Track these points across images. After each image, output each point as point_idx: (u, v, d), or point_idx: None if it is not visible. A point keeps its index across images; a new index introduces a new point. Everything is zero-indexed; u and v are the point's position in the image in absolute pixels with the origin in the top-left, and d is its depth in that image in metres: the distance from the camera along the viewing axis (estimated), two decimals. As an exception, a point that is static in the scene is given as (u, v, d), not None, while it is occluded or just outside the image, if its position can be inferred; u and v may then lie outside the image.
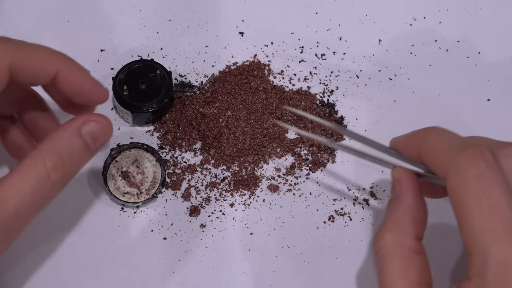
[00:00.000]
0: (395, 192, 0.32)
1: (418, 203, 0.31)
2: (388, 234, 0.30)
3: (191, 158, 0.41)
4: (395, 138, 0.34)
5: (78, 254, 0.38)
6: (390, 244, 0.30)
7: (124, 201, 0.39)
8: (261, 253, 0.39)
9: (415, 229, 0.30)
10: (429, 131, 0.31)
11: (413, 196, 0.31)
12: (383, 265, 0.30)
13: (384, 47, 0.45)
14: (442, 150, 0.29)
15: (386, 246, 0.30)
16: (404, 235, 0.30)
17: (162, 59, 0.44)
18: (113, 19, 0.46)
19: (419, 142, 0.31)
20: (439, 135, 0.31)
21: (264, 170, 0.41)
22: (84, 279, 0.38)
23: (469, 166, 0.27)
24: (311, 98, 0.43)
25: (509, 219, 0.25)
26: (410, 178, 0.32)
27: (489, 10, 0.47)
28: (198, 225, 0.40)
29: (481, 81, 0.45)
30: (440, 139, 0.30)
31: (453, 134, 0.31)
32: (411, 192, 0.31)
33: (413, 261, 0.29)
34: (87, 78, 0.32)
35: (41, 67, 0.30)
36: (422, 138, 0.31)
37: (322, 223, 0.40)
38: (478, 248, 0.26)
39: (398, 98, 0.44)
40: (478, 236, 0.26)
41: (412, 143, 0.32)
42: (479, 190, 0.26)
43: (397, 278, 0.29)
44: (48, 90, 0.33)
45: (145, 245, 0.39)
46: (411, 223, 0.30)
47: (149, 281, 0.38)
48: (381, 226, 0.31)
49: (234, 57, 0.45)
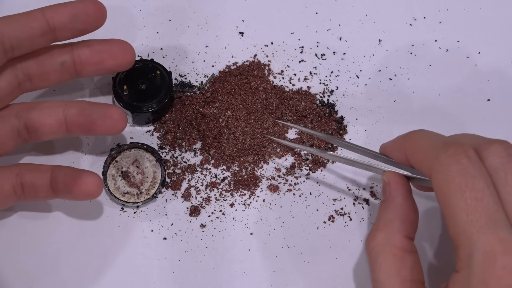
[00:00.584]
0: (385, 195, 0.33)
1: (408, 203, 0.32)
2: (379, 234, 0.31)
3: (191, 158, 0.41)
4: (384, 143, 0.36)
5: (78, 254, 0.38)
6: (382, 244, 0.31)
7: (124, 201, 0.39)
8: (261, 253, 0.39)
9: (405, 229, 0.31)
10: (414, 134, 0.33)
11: (402, 197, 0.32)
12: (375, 264, 0.31)
13: (384, 47, 0.45)
14: (426, 149, 0.30)
15: (378, 246, 0.31)
16: (395, 235, 0.31)
17: (162, 59, 0.44)
18: (113, 19, 0.45)
19: (406, 144, 0.33)
20: (423, 136, 0.32)
21: (264, 170, 0.41)
22: (84, 279, 0.38)
23: (451, 162, 0.27)
24: (311, 98, 0.43)
25: (493, 210, 0.26)
26: (399, 180, 0.33)
27: (489, 10, 0.47)
28: (198, 225, 0.40)
29: (481, 81, 0.45)
30: (424, 140, 0.31)
31: (437, 134, 0.32)
32: (400, 193, 0.32)
33: (405, 260, 0.30)
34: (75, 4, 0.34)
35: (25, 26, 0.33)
36: (407, 140, 0.33)
37: (322, 223, 0.40)
38: (464, 239, 0.26)
39: (398, 98, 0.44)
40: (463, 228, 0.26)
41: (399, 146, 0.33)
42: (462, 183, 0.27)
43: (390, 276, 0.30)
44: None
45: (145, 245, 0.39)
46: (402, 223, 0.31)
47: (149, 281, 0.38)
48: (373, 227, 0.32)
49: (234, 57, 0.45)
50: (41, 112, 0.35)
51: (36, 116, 0.35)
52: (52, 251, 0.38)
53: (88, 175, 0.34)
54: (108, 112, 0.36)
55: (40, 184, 0.35)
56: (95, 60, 0.36)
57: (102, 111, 0.36)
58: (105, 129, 0.36)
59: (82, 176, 0.34)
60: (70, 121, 0.36)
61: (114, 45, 0.37)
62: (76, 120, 0.36)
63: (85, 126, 0.36)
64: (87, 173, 0.35)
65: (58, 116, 0.35)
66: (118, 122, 0.36)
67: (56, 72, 0.36)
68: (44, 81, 0.36)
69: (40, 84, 0.36)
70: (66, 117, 0.35)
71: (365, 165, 0.36)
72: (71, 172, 0.35)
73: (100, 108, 0.36)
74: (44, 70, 0.35)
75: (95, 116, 0.35)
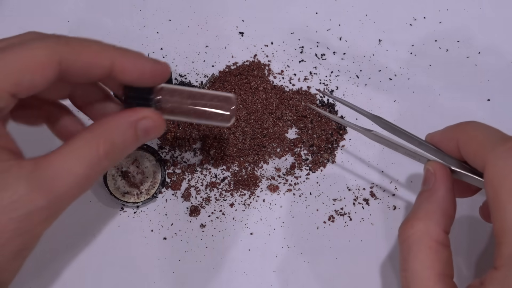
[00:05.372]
0: (428, 185, 0.32)
1: (450, 197, 0.32)
2: (418, 223, 0.31)
3: (191, 158, 0.41)
4: (431, 133, 0.35)
5: (78, 254, 0.38)
6: (420, 234, 0.30)
7: (124, 201, 0.39)
8: (261, 253, 0.39)
9: (445, 222, 0.31)
10: (469, 124, 0.32)
11: (446, 190, 0.32)
12: (409, 254, 0.30)
13: (384, 47, 0.45)
14: (482, 140, 0.30)
15: (415, 235, 0.30)
16: (434, 227, 0.30)
17: (162, 59, 0.44)
18: (113, 19, 0.46)
19: (458, 134, 0.32)
20: (478, 127, 0.31)
21: (264, 170, 0.41)
22: (84, 279, 0.38)
23: (509, 156, 0.27)
24: (311, 98, 0.43)
25: None
26: (444, 172, 0.32)
27: (489, 10, 0.47)
28: (198, 225, 0.40)
29: (481, 81, 0.45)
30: (480, 131, 0.31)
31: (492, 128, 0.31)
32: (445, 186, 0.32)
33: (439, 253, 0.30)
34: (145, 61, 0.30)
35: (92, 61, 0.29)
36: (461, 130, 0.32)
37: (322, 223, 0.40)
38: (510, 238, 0.26)
39: (398, 98, 0.44)
40: (511, 226, 0.26)
41: (450, 136, 0.33)
42: None
43: (423, 268, 0.29)
44: (108, 84, 0.32)
45: (145, 245, 0.39)
46: (442, 216, 0.31)
47: (149, 281, 0.38)
48: (411, 215, 0.31)
49: (234, 57, 0.45)
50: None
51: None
52: (52, 251, 0.38)
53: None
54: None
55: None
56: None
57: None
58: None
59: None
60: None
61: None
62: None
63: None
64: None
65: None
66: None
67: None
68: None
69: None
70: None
71: (409, 151, 0.34)
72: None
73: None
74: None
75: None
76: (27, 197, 0.26)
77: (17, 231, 0.26)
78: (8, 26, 0.45)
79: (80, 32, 0.45)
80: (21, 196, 0.25)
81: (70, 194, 0.27)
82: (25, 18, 0.45)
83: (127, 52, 0.30)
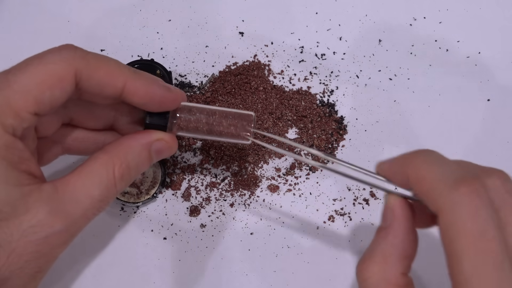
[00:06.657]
0: (386, 221, 0.30)
1: (410, 237, 0.29)
2: (374, 266, 0.29)
3: (191, 158, 0.41)
4: (382, 163, 0.31)
5: (78, 254, 0.38)
6: (376, 278, 0.29)
7: (124, 201, 0.39)
8: (261, 253, 0.39)
9: (403, 265, 0.29)
10: (418, 158, 0.29)
11: (405, 230, 0.29)
12: None
13: (384, 47, 0.45)
14: (433, 182, 0.27)
15: (372, 279, 0.29)
16: (391, 271, 0.28)
17: (162, 59, 0.44)
18: (113, 19, 0.46)
19: (408, 169, 0.29)
20: (428, 163, 0.29)
21: (264, 170, 0.41)
22: (84, 279, 0.38)
23: (463, 203, 0.25)
24: (311, 98, 0.43)
25: (501, 263, 0.24)
26: (403, 210, 0.30)
27: (489, 10, 0.47)
28: (198, 225, 0.40)
29: (481, 81, 0.45)
30: (431, 168, 0.28)
31: (443, 161, 0.29)
32: (403, 226, 0.29)
33: None
34: (157, 87, 0.30)
35: (106, 80, 0.29)
36: (411, 165, 0.29)
37: (322, 223, 0.40)
38: None
39: (398, 98, 0.44)
40: (469, 278, 0.25)
41: (400, 170, 0.30)
42: (474, 231, 0.25)
43: None
44: (116, 104, 0.32)
45: (145, 245, 0.39)
46: (400, 259, 0.29)
47: (149, 281, 0.38)
48: (367, 255, 0.29)
49: (234, 57, 0.45)
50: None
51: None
52: (52, 251, 0.38)
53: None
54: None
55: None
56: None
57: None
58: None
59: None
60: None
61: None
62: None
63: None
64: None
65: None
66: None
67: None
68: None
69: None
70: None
71: (367, 183, 0.31)
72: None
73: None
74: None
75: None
76: (46, 221, 0.26)
77: (35, 254, 0.26)
78: (8, 26, 0.45)
79: (80, 32, 0.45)
80: (40, 220, 0.26)
81: (86, 216, 0.28)
82: (25, 18, 0.45)
83: (140, 75, 0.30)
